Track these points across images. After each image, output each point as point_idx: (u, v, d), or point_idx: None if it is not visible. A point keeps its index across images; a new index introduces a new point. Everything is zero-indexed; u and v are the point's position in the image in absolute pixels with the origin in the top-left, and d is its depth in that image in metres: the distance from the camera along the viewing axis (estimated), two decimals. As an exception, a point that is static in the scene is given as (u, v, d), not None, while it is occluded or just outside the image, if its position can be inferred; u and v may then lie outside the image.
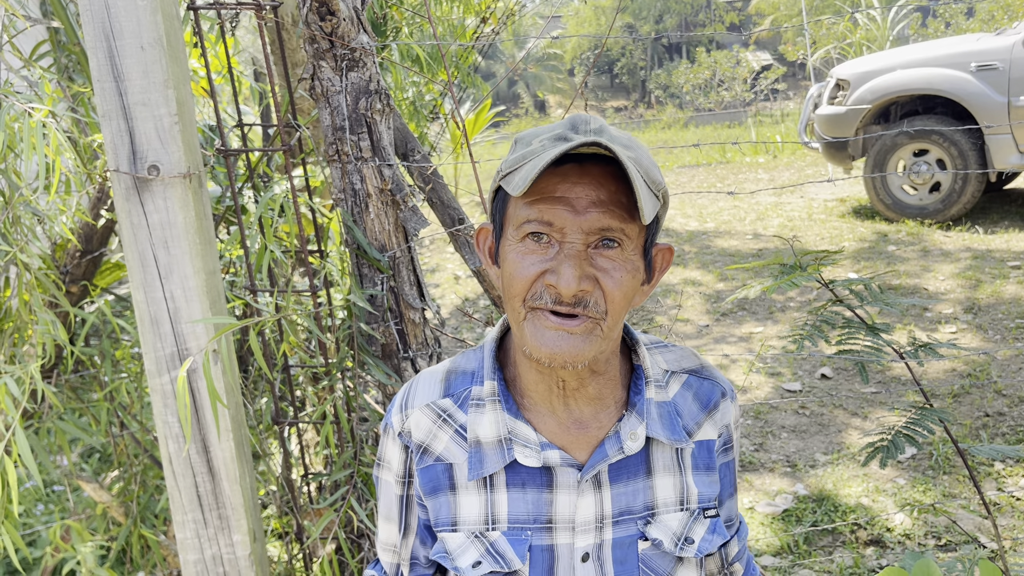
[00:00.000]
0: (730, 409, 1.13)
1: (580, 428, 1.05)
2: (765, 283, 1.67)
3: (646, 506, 1.07)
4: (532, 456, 1.03)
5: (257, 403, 2.19)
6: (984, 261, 5.37)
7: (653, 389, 1.07)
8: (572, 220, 0.92)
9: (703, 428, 1.10)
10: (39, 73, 1.79)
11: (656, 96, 25.31)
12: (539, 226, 0.94)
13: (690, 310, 5.09)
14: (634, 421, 1.04)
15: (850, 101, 6.52)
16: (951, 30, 15.29)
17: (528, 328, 0.96)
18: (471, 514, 1.06)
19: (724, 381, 1.14)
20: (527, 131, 0.99)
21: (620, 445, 1.03)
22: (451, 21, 3.73)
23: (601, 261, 0.94)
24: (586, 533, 1.05)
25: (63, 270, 2.12)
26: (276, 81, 2.02)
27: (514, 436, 1.04)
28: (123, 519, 2.17)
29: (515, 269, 0.95)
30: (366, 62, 1.76)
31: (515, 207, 0.97)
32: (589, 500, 1.04)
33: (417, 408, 1.10)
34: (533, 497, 1.05)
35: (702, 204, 8.26)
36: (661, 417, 1.07)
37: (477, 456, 1.05)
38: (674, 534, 1.07)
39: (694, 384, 1.12)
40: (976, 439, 3.27)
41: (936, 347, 1.65)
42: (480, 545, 1.06)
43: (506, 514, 1.05)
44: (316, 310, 1.84)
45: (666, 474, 1.08)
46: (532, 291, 0.95)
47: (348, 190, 1.81)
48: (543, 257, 0.94)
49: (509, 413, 1.04)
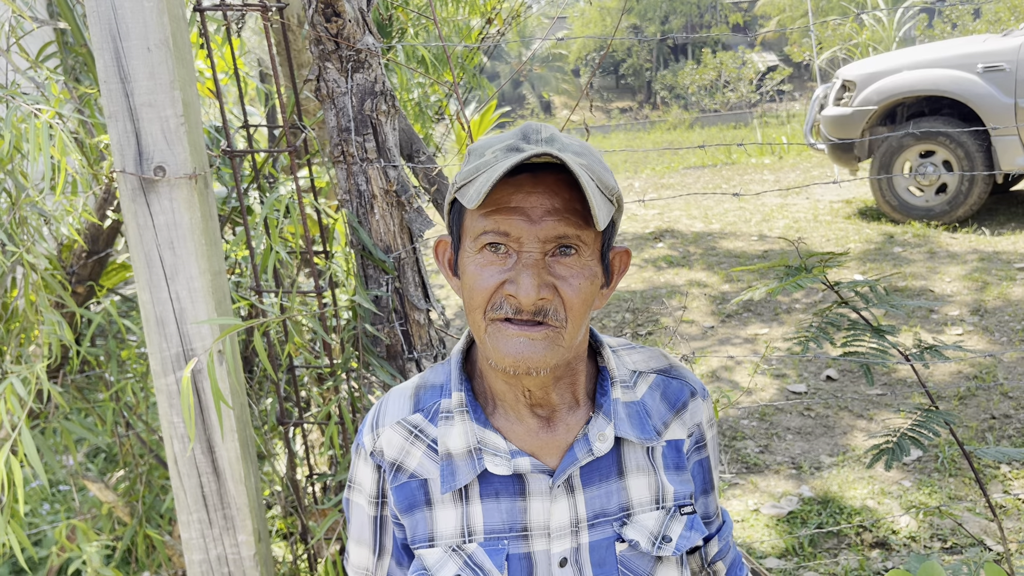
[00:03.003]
0: (700, 408, 1.13)
1: (549, 433, 1.05)
2: (771, 285, 1.67)
3: (621, 507, 1.06)
4: (502, 464, 1.03)
5: (262, 403, 2.19)
6: (991, 263, 5.35)
7: (619, 390, 1.07)
8: (528, 229, 0.93)
9: (671, 428, 1.10)
10: (46, 74, 1.79)
11: (661, 97, 25.29)
12: (496, 236, 0.95)
13: (695, 311, 5.08)
14: (601, 422, 1.05)
15: (856, 102, 6.50)
16: (958, 31, 15.25)
17: (490, 339, 0.97)
18: (447, 528, 1.06)
19: (694, 380, 1.14)
20: (479, 142, 1.00)
21: (589, 447, 1.03)
22: (456, 22, 3.74)
23: (559, 269, 0.95)
24: (562, 538, 1.05)
25: (69, 271, 2.13)
26: (282, 82, 2.02)
27: (483, 445, 1.04)
28: (128, 519, 2.17)
29: (474, 281, 0.96)
30: (371, 63, 1.76)
31: (471, 219, 0.97)
32: (563, 505, 1.04)
33: (388, 426, 1.10)
34: (507, 506, 1.05)
35: (707, 205, 8.25)
36: (630, 417, 1.07)
37: (449, 468, 1.05)
38: (651, 533, 1.07)
39: (662, 384, 1.12)
40: (982, 441, 3.26)
41: (942, 349, 1.64)
42: (458, 559, 1.05)
43: (482, 525, 1.05)
44: (321, 311, 1.84)
45: (639, 474, 1.07)
46: (492, 302, 0.96)
47: (353, 191, 1.82)
48: (502, 268, 0.95)
49: (477, 423, 1.05)
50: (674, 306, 5.21)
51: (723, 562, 1.21)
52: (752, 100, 20.68)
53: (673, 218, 7.76)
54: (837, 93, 6.81)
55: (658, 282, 5.73)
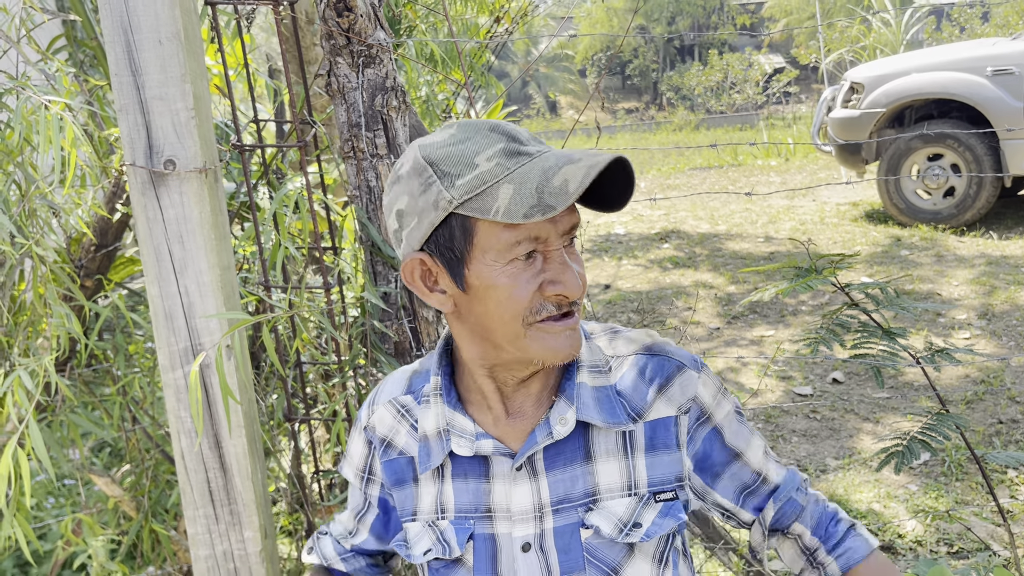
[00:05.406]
0: (693, 381, 1.08)
1: (517, 419, 1.07)
2: (779, 286, 1.66)
3: (586, 492, 1.05)
4: (466, 446, 1.05)
5: (269, 399, 2.19)
6: (998, 267, 5.33)
7: (586, 374, 1.07)
8: (552, 228, 0.95)
9: (655, 407, 1.07)
10: (57, 66, 1.79)
11: (668, 98, 25.24)
12: (531, 244, 0.94)
13: (701, 312, 5.07)
14: (563, 406, 1.04)
15: (864, 104, 6.48)
16: (966, 34, 15.20)
17: (533, 342, 0.97)
18: (426, 504, 1.11)
19: (682, 355, 1.10)
20: (449, 152, 0.95)
21: (549, 430, 1.03)
22: (465, 20, 3.74)
23: (570, 257, 0.98)
24: (525, 522, 1.05)
25: (78, 264, 2.13)
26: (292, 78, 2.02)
27: (451, 427, 1.07)
28: (134, 514, 2.17)
29: (510, 292, 0.95)
30: (383, 59, 1.75)
31: (492, 232, 0.93)
32: (524, 489, 1.05)
33: (381, 404, 1.17)
34: (473, 487, 1.08)
35: (714, 206, 8.23)
36: (598, 401, 1.05)
37: (425, 449, 1.10)
38: (619, 520, 1.04)
39: (641, 363, 1.09)
40: (989, 446, 3.24)
41: (953, 352, 1.63)
42: (432, 533, 1.10)
43: (453, 504, 1.09)
44: (329, 307, 1.84)
45: (609, 459, 1.06)
46: (530, 307, 0.96)
47: (363, 187, 1.81)
48: (532, 273, 0.95)
49: (448, 405, 1.08)
50: (680, 307, 5.20)
51: (801, 522, 1.14)
52: (758, 102, 20.64)
53: (679, 219, 7.74)
54: (845, 95, 6.79)
55: (664, 283, 5.71)
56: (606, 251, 6.75)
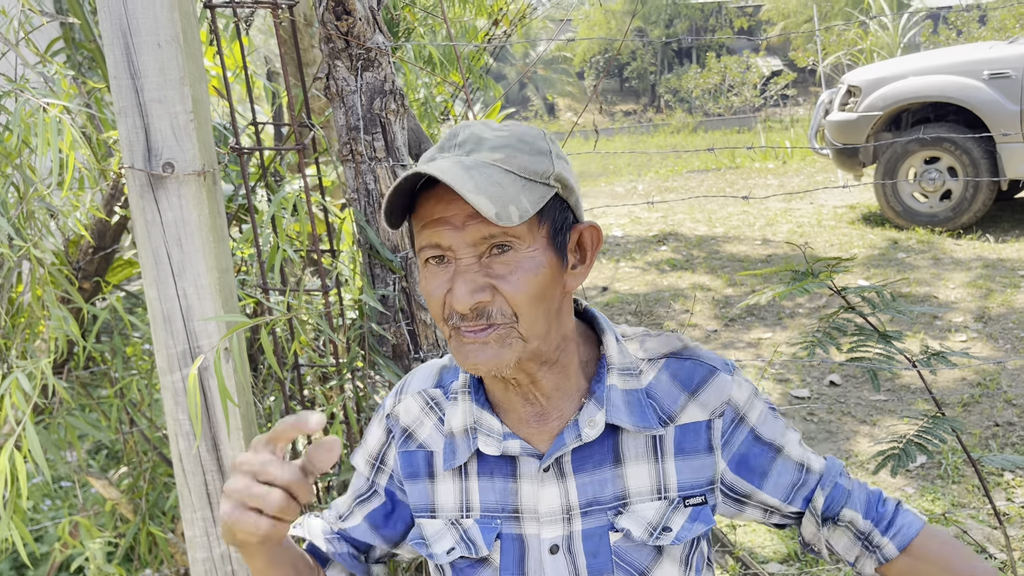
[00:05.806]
0: (727, 384, 1.07)
1: (541, 420, 1.06)
2: (776, 289, 1.67)
3: (616, 496, 1.05)
4: (493, 445, 1.05)
5: (266, 402, 2.19)
6: (995, 270, 5.34)
7: (616, 376, 1.05)
8: (456, 237, 0.94)
9: (687, 411, 1.06)
10: (55, 69, 1.79)
11: (666, 100, 25.29)
12: (433, 250, 0.96)
13: (698, 315, 5.07)
14: (592, 408, 1.04)
15: (861, 108, 6.50)
16: (963, 38, 15.24)
17: (453, 347, 0.99)
18: (448, 502, 1.10)
19: (713, 359, 1.09)
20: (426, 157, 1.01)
21: (578, 432, 1.03)
22: (463, 23, 3.74)
23: (497, 268, 0.95)
24: (552, 524, 1.05)
25: (76, 266, 2.13)
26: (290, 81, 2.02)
27: (479, 425, 1.07)
28: (132, 516, 2.17)
29: (427, 294, 0.98)
30: (381, 62, 1.76)
31: (416, 234, 0.99)
32: (552, 491, 1.05)
33: (410, 394, 1.16)
34: (500, 486, 1.07)
35: (711, 209, 8.24)
36: (628, 404, 1.04)
37: (450, 446, 1.09)
38: (649, 523, 1.04)
39: (673, 367, 1.08)
40: (986, 449, 3.25)
41: (949, 355, 1.64)
42: (455, 532, 1.09)
43: (478, 502, 1.08)
44: (327, 310, 1.84)
45: (639, 462, 1.05)
46: (445, 312, 0.97)
47: (361, 190, 1.81)
48: (445, 278, 0.96)
49: (476, 404, 1.08)
50: (678, 309, 5.20)
51: (850, 507, 1.12)
52: (756, 104, 20.67)
53: (677, 221, 7.75)
54: (842, 98, 6.81)
55: (661, 285, 5.72)
56: (603, 253, 6.76)
